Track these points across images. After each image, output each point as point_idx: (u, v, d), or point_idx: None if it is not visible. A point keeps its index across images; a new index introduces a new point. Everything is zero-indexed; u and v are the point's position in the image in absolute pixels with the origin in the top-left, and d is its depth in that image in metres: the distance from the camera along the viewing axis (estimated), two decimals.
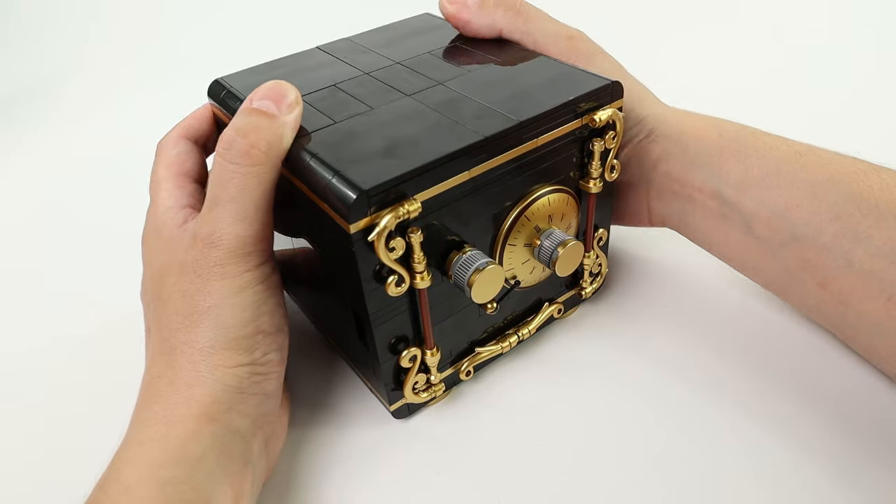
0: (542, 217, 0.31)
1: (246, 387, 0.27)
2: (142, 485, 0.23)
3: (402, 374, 0.31)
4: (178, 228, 0.28)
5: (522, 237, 0.31)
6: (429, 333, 0.30)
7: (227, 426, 0.26)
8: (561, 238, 0.31)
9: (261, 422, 0.28)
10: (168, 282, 0.28)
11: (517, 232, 0.31)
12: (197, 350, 0.26)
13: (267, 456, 0.29)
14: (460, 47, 0.36)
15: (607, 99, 0.31)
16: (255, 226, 0.27)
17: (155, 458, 0.24)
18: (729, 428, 0.31)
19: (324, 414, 0.34)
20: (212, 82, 0.35)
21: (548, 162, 0.30)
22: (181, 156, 0.32)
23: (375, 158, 0.26)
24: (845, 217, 0.29)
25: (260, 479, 0.28)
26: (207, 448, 0.25)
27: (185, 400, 0.26)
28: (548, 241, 0.31)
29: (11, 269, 0.48)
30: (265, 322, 0.28)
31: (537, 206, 0.31)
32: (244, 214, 0.26)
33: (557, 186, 0.32)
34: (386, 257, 0.26)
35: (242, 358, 0.27)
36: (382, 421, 0.33)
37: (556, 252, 0.31)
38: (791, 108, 0.58)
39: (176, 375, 0.26)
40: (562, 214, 0.32)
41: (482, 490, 0.30)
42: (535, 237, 0.32)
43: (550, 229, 0.32)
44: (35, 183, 0.59)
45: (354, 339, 0.31)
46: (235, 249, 0.26)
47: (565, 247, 0.31)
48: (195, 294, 0.26)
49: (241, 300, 0.27)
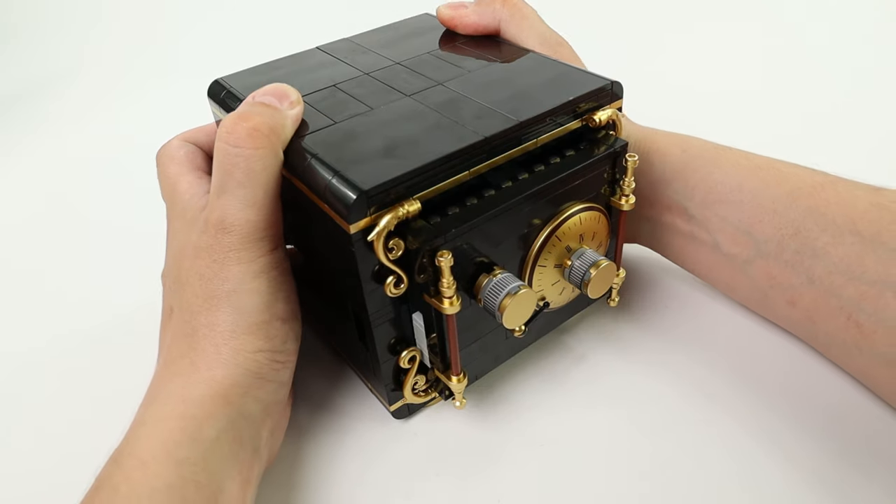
0: (574, 236, 0.30)
1: (265, 373, 0.27)
2: (156, 461, 0.23)
3: (401, 375, 0.31)
4: (201, 212, 0.29)
5: (553, 258, 0.30)
6: (455, 359, 0.29)
7: (241, 410, 0.26)
8: (593, 258, 0.30)
9: (270, 409, 0.28)
10: (185, 265, 0.28)
11: (547, 252, 0.30)
12: (219, 333, 0.26)
13: (270, 446, 0.29)
14: (460, 47, 0.36)
15: (607, 99, 0.31)
16: (265, 211, 0.27)
17: (170, 436, 0.24)
18: (727, 434, 0.31)
19: (324, 414, 0.34)
20: (212, 82, 0.35)
21: (579, 179, 0.30)
22: (190, 154, 0.33)
23: (375, 159, 0.26)
24: (804, 232, 0.29)
25: (262, 469, 0.29)
26: (221, 431, 0.25)
27: (205, 380, 0.26)
28: (579, 261, 0.30)
29: (12, 268, 0.48)
30: (280, 308, 0.28)
31: (568, 226, 0.30)
32: (253, 199, 0.26)
33: (589, 204, 0.31)
34: (384, 258, 0.26)
35: (263, 344, 0.27)
36: (382, 421, 0.33)
37: (589, 273, 0.30)
38: (791, 109, 0.58)
39: (198, 356, 0.26)
40: (593, 233, 0.31)
41: (482, 490, 0.30)
42: (565, 257, 0.30)
43: (582, 249, 0.31)
44: (35, 183, 0.59)
45: (354, 340, 0.31)
46: (248, 235, 0.26)
47: (598, 267, 0.30)
48: (213, 278, 0.27)
49: (258, 285, 0.27)
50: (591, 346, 0.36)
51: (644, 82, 0.36)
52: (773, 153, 0.33)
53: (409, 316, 0.29)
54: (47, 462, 0.33)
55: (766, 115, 0.57)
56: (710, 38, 0.73)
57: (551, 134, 0.29)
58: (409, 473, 0.31)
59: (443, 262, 0.25)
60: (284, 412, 0.31)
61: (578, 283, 0.30)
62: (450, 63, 0.34)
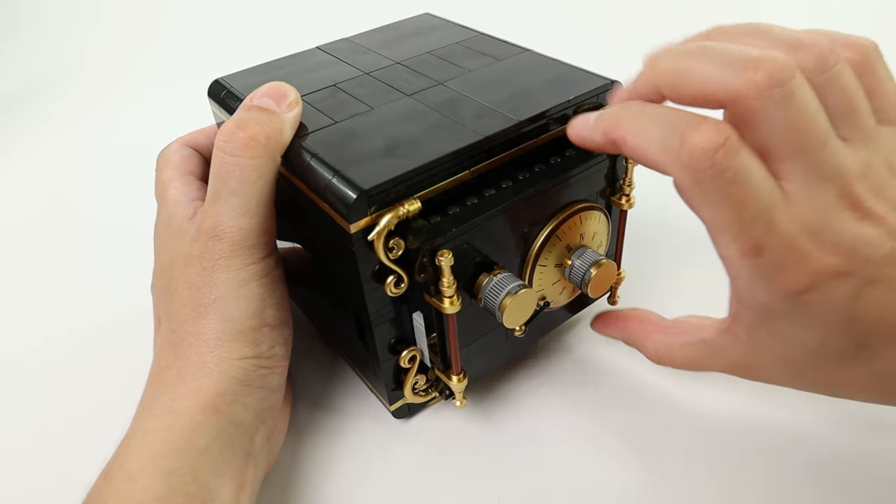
0: (574, 236, 0.30)
1: (252, 380, 0.27)
2: (144, 474, 0.23)
3: (402, 374, 0.31)
4: (188, 221, 0.29)
5: (553, 257, 0.30)
6: (456, 359, 0.29)
7: (232, 419, 0.26)
8: (594, 258, 0.30)
9: (264, 416, 0.28)
10: (175, 274, 0.28)
11: (548, 252, 0.29)
12: (204, 342, 0.26)
13: (269, 450, 0.29)
14: (460, 47, 0.36)
15: (607, 99, 0.31)
16: (258, 218, 0.27)
17: (159, 448, 0.24)
18: (728, 434, 0.31)
19: (324, 414, 0.34)
20: (212, 82, 0.35)
21: (580, 179, 0.30)
22: (185, 158, 0.33)
23: (376, 158, 0.26)
24: None
25: (261, 472, 0.29)
26: (211, 440, 0.25)
27: (191, 391, 0.26)
28: (580, 260, 0.30)
29: (12, 268, 0.48)
30: (270, 315, 0.28)
31: (569, 225, 0.29)
32: (246, 207, 0.26)
33: (589, 203, 0.30)
34: (385, 257, 0.26)
35: (248, 350, 0.27)
36: (382, 421, 0.33)
37: (589, 273, 0.29)
38: None
39: (183, 366, 0.26)
40: (593, 233, 0.31)
41: (482, 490, 0.30)
42: (566, 257, 0.30)
43: (582, 248, 0.30)
44: (35, 183, 0.59)
45: (354, 339, 0.31)
46: (239, 242, 0.26)
47: (599, 266, 0.29)
48: (201, 286, 0.27)
49: (246, 292, 0.27)
50: (591, 346, 0.36)
51: None
52: None
53: (410, 315, 0.29)
54: (47, 462, 0.33)
55: None
56: None
57: (551, 133, 0.29)
58: (409, 473, 0.31)
59: (443, 261, 0.25)
60: (282, 417, 0.31)
61: (579, 283, 0.30)
62: (450, 63, 0.34)
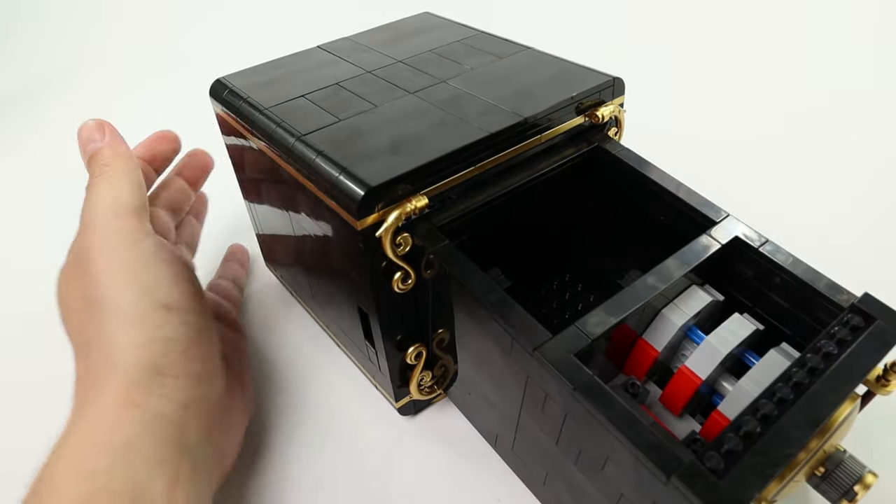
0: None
1: (162, 366, 0.26)
2: (66, 481, 0.23)
3: (407, 372, 0.31)
4: None
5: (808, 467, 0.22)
6: None
7: (152, 411, 0.25)
8: (857, 470, 0.22)
9: (194, 409, 0.27)
10: (64, 299, 0.28)
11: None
12: (104, 339, 0.26)
13: (218, 446, 0.28)
14: (461, 45, 0.36)
15: (609, 95, 0.31)
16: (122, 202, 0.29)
17: (79, 453, 0.24)
18: None
19: (329, 411, 0.34)
20: (213, 82, 0.35)
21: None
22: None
23: (382, 155, 0.26)
24: None
25: (207, 469, 0.27)
26: (134, 435, 0.24)
27: (103, 390, 0.25)
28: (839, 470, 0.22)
29: (12, 268, 0.48)
30: (163, 294, 0.27)
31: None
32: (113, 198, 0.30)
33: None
34: (392, 253, 0.26)
35: (148, 334, 0.26)
36: (383, 421, 0.33)
37: (853, 492, 0.22)
38: (790, 108, 0.58)
39: (95, 366, 0.26)
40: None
41: (482, 490, 0.30)
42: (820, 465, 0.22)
43: (838, 451, 0.22)
44: (35, 183, 0.59)
45: (359, 337, 0.31)
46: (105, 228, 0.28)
47: (864, 484, 0.22)
48: (82, 289, 0.27)
49: (125, 278, 0.27)
50: None
51: (644, 83, 0.36)
52: (765, 153, 0.33)
53: (415, 312, 0.29)
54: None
55: (766, 116, 0.57)
56: (711, 38, 0.74)
57: (555, 129, 0.30)
58: (409, 473, 0.31)
59: None
60: (229, 413, 0.30)
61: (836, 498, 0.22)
62: (451, 60, 0.34)
